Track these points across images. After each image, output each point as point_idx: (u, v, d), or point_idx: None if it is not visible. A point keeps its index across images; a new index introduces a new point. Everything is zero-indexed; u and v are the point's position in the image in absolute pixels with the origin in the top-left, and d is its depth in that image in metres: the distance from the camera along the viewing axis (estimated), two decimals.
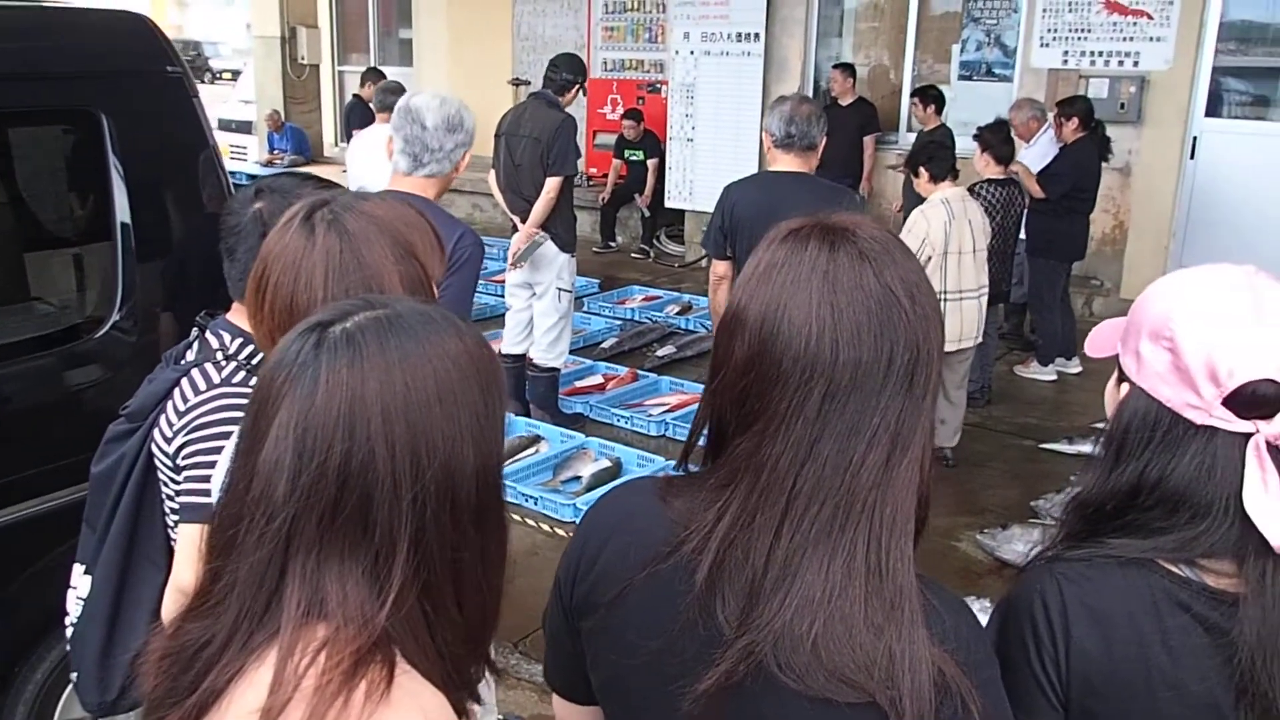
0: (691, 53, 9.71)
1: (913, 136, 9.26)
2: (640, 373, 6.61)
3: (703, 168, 9.68)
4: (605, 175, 10.50)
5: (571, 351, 7.13)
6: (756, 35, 9.32)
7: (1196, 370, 1.19)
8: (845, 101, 8.92)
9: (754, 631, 1.04)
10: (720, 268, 4.19)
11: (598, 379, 6.55)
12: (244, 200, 1.93)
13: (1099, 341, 1.42)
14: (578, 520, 4.80)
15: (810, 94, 9.67)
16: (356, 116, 9.93)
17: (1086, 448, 5.65)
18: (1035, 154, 7.27)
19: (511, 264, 5.54)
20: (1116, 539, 1.24)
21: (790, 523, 1.06)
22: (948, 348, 5.08)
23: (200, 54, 33.67)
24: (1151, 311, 1.27)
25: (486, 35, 12.22)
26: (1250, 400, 1.17)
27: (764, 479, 1.07)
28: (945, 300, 5.12)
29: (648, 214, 10.26)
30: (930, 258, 4.98)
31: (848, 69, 8.97)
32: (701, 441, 1.20)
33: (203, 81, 31.56)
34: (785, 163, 4.01)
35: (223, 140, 14.21)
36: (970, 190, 6.17)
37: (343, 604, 0.95)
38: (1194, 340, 1.19)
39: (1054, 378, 6.94)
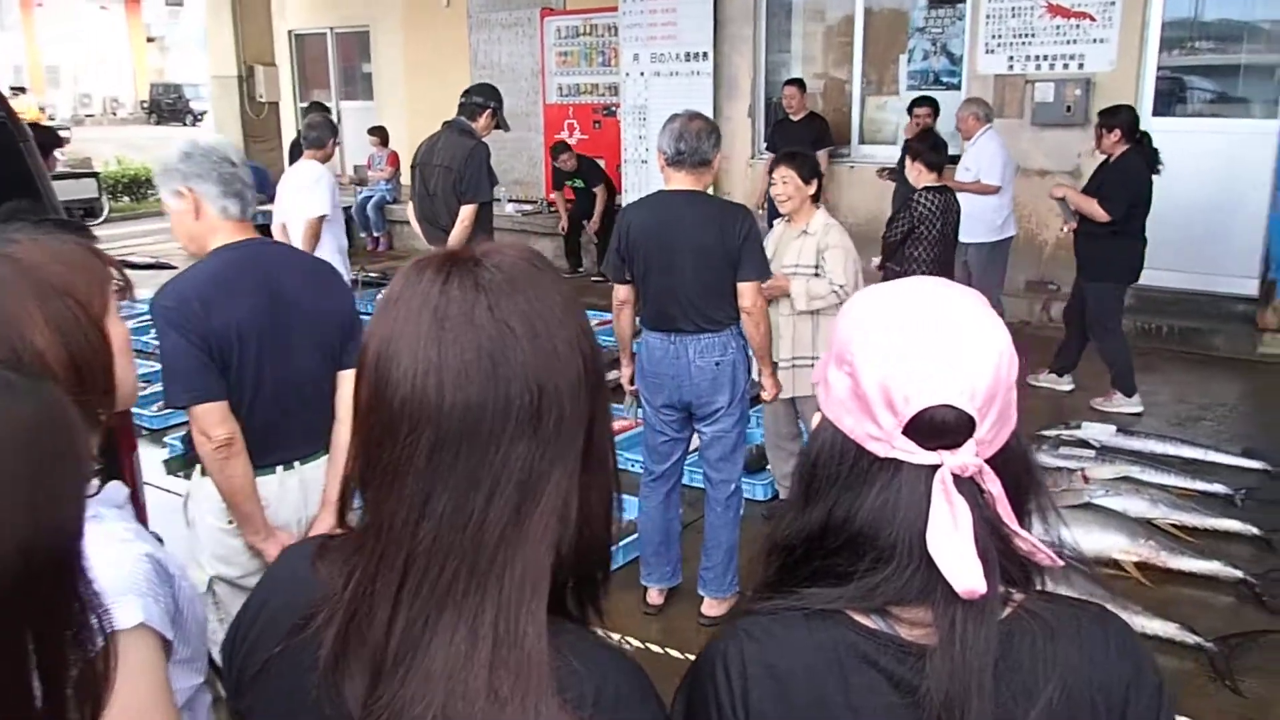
0: (642, 74, 9.67)
1: (866, 149, 9.24)
2: None
3: (657, 189, 9.61)
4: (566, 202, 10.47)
5: None
6: (705, 54, 9.29)
7: (874, 397, 1.07)
8: (797, 117, 8.86)
9: (375, 715, 0.95)
10: (621, 292, 4.11)
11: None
12: None
13: (818, 368, 1.33)
14: None
15: (763, 110, 9.65)
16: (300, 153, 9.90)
17: None
18: (975, 154, 7.20)
19: None
20: (810, 588, 1.12)
21: (409, 588, 0.96)
22: None
23: (181, 96, 33.92)
24: (837, 334, 1.17)
25: (445, 66, 12.21)
26: (931, 428, 1.06)
27: (383, 539, 0.98)
28: None
29: (597, 240, 10.20)
30: (859, 270, 4.79)
31: (799, 84, 8.91)
32: None
33: (183, 123, 31.78)
34: (678, 181, 3.93)
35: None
36: (910, 199, 6.11)
37: None
38: (870, 364, 1.08)
39: (1140, 409, 6.43)
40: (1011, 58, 8.11)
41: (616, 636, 3.90)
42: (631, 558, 4.51)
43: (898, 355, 1.07)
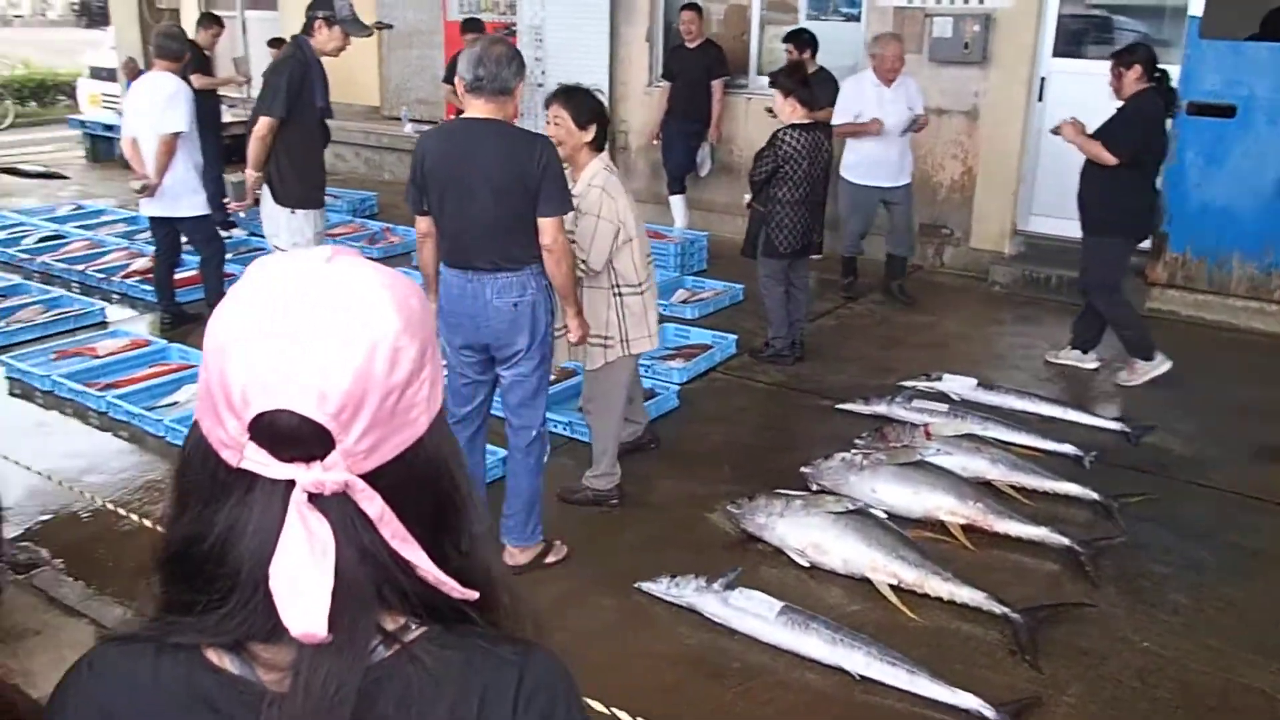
0: None
1: (764, 80, 8.87)
2: None
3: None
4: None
5: None
6: None
7: (218, 395, 0.88)
8: (693, 44, 8.49)
9: None
10: (421, 224, 3.81)
11: None
12: None
13: None
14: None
15: (661, 35, 9.26)
16: (193, 62, 9.31)
17: (882, 408, 5.38)
18: (909, 92, 6.89)
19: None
20: (185, 616, 0.93)
21: None
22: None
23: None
24: None
25: None
26: (277, 437, 0.86)
27: None
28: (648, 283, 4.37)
29: None
30: (628, 240, 4.20)
31: (696, 9, 8.52)
32: None
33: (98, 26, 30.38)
34: (477, 109, 3.62)
35: (95, 89, 13.61)
36: (774, 137, 5.83)
37: None
38: (214, 353, 0.89)
39: (1169, 365, 5.83)
40: None
41: None
42: None
43: (238, 345, 0.87)
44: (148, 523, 4.27)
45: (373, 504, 0.88)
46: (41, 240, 8.44)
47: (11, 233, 8.72)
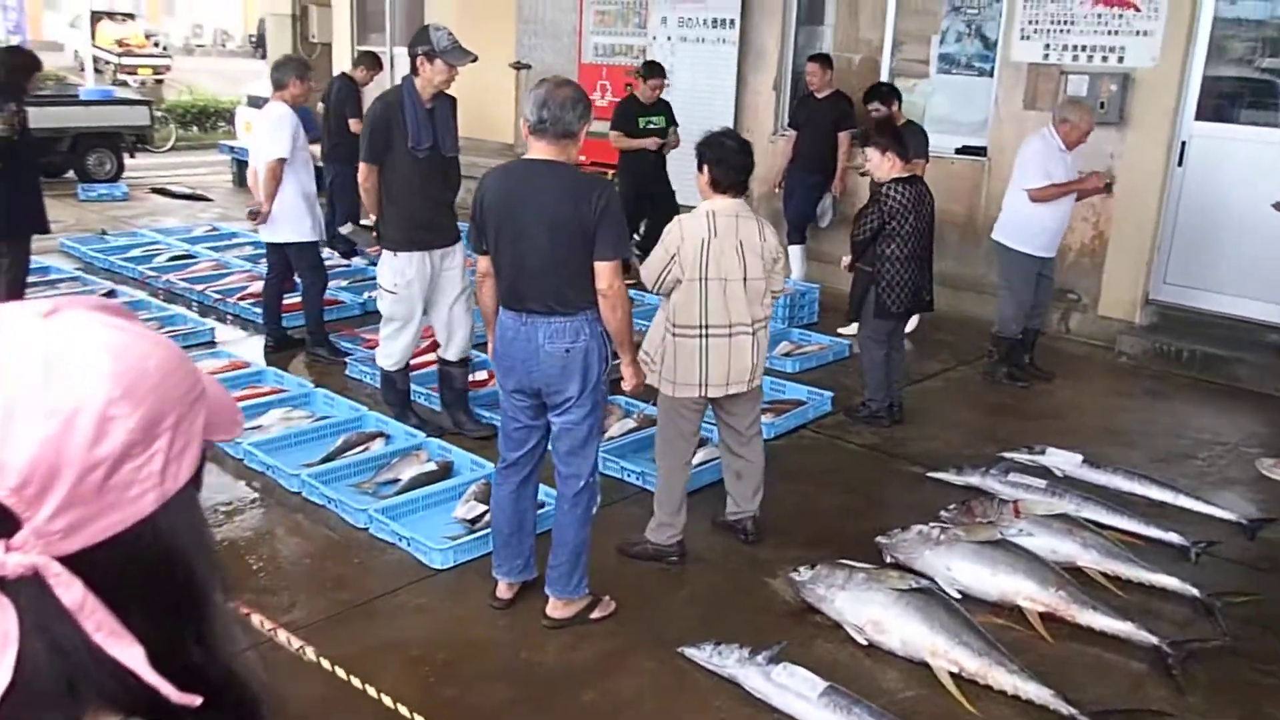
0: (669, 38, 9.28)
1: None
2: None
3: (680, 158, 9.17)
4: (593, 163, 9.96)
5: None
6: (732, 21, 8.85)
7: None
8: (821, 94, 8.33)
9: None
10: (481, 263, 3.79)
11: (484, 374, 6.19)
12: None
13: None
14: (369, 527, 4.49)
15: (789, 84, 9.15)
16: (351, 101, 9.52)
17: (976, 479, 5.10)
18: (1076, 163, 6.49)
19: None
20: None
21: None
22: (713, 393, 4.28)
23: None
24: None
25: (493, 17, 11.95)
26: None
27: None
28: (709, 335, 4.20)
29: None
30: (678, 281, 4.15)
31: (824, 60, 8.37)
32: None
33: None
34: (539, 150, 3.59)
35: (251, 116, 14.31)
36: (878, 193, 5.65)
37: None
38: None
39: None
40: (1048, 45, 7.49)
41: None
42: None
43: None
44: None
45: (70, 591, 0.77)
46: (172, 259, 8.84)
47: (147, 250, 9.17)
